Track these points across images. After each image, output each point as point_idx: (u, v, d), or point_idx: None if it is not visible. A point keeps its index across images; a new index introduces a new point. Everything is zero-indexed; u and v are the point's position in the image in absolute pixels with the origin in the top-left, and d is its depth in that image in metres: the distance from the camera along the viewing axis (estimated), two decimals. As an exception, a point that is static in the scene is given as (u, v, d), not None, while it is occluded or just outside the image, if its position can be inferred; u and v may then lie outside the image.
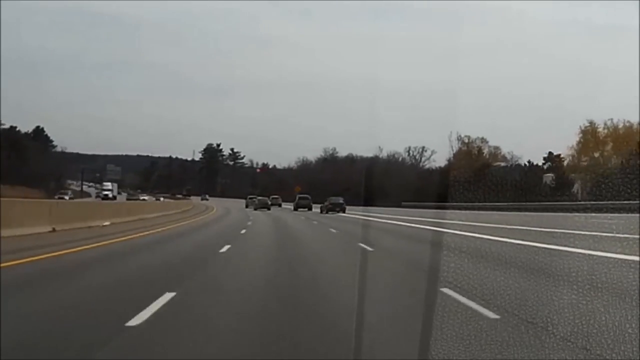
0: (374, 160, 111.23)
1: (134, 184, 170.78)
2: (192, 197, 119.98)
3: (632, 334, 5.57)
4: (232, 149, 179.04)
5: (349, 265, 11.38)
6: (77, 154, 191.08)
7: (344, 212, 53.20)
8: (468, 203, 49.10)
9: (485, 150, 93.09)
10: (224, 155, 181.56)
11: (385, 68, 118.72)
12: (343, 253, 15.65)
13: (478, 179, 60.79)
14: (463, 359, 4.91)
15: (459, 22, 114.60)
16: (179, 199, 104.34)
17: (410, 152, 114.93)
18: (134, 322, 6.17)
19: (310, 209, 59.95)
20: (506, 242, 17.80)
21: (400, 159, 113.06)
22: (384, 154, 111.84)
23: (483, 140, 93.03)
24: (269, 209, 61.64)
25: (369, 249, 15.47)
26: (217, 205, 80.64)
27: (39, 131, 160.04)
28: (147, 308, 6.86)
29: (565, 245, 15.37)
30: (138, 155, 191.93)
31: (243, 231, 24.38)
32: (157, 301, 7.37)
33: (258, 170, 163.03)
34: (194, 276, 10.40)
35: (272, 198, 72.60)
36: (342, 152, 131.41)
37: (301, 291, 8.84)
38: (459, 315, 6.41)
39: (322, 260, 13.42)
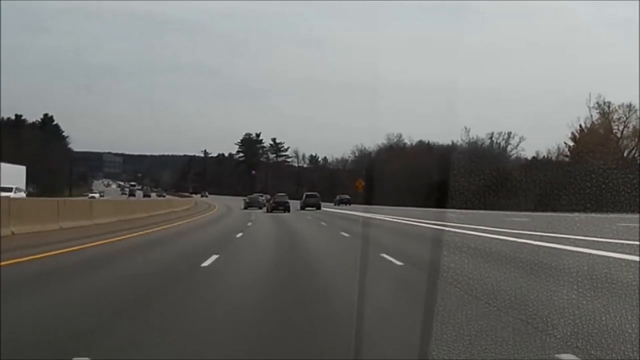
0: (452, 148, 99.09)
1: (169, 182, 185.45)
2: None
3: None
4: (273, 140, 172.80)
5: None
6: (123, 154, 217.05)
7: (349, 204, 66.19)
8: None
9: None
10: (264, 147, 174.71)
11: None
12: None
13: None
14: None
15: None
16: (185, 196, 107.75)
17: (494, 138, 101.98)
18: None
19: (319, 207, 60.19)
20: None
21: (481, 144, 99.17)
22: (461, 140, 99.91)
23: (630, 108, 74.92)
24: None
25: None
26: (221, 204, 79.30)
27: (47, 120, 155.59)
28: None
29: None
30: (184, 155, 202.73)
31: (239, 234, 22.78)
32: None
33: (253, 172, 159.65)
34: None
35: (279, 196, 64.79)
36: (412, 138, 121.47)
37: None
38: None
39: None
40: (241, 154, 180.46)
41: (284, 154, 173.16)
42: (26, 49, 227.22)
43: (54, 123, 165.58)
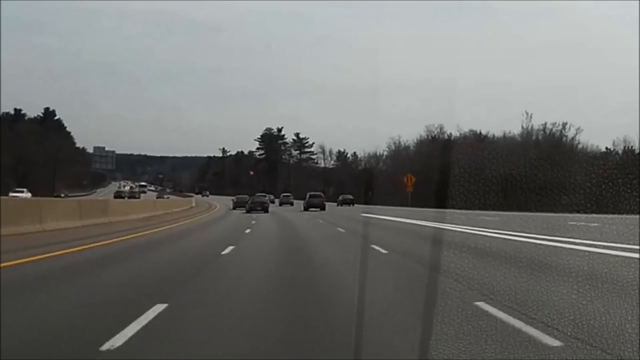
0: (511, 139, 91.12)
1: (188, 183, 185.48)
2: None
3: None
4: (297, 135, 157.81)
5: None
6: (145, 155, 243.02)
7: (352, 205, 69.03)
8: None
9: None
10: (286, 143, 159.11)
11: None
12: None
13: None
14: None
15: None
16: (187, 196, 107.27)
17: (546, 129, 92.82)
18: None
19: (323, 208, 59.54)
20: None
21: (535, 137, 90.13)
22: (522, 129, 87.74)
23: None
24: (266, 211, 56.75)
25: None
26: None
27: (48, 114, 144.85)
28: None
29: None
30: (208, 157, 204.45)
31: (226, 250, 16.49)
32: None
33: (251, 173, 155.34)
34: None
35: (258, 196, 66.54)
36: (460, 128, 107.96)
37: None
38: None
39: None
40: (261, 151, 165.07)
41: (309, 150, 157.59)
42: (44, 48, 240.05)
43: (56, 118, 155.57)
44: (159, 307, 7.54)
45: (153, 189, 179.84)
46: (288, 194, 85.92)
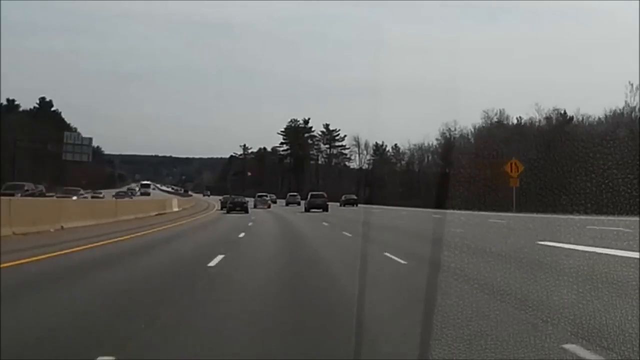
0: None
1: (208, 184, 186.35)
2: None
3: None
4: (326, 127, 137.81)
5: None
6: (171, 156, 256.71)
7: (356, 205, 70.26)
8: None
9: None
10: (314, 136, 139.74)
11: None
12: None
13: None
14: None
15: None
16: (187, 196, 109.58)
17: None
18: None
19: (325, 209, 57.33)
20: None
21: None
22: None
23: None
24: (246, 211, 53.05)
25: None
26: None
27: (44, 104, 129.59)
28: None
29: None
30: (230, 156, 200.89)
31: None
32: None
33: (249, 174, 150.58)
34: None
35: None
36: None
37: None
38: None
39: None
40: (286, 147, 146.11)
41: (340, 144, 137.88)
42: (75, 51, 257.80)
43: (53, 109, 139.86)
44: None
45: (170, 189, 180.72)
46: (295, 194, 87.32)
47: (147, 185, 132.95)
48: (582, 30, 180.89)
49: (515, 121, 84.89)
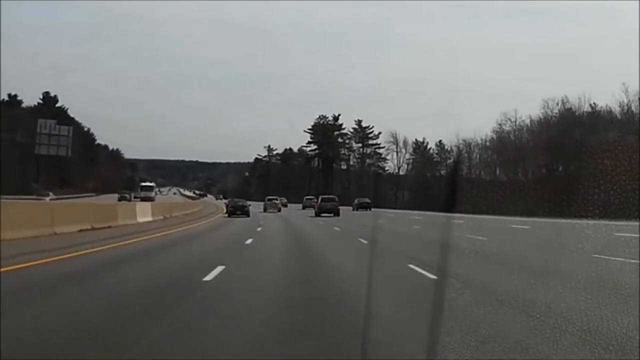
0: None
1: (235, 187, 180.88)
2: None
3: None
4: (358, 123, 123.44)
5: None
6: (197, 161, 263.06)
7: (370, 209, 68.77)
8: None
9: None
10: (345, 134, 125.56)
11: None
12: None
13: None
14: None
15: None
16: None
17: None
18: None
19: (337, 214, 54.81)
20: None
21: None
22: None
23: None
24: (248, 215, 52.01)
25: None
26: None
27: (47, 100, 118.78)
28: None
29: None
30: (255, 158, 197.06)
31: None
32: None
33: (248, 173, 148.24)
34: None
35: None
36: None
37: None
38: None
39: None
40: (313, 146, 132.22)
41: (374, 143, 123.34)
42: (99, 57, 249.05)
43: (58, 105, 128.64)
44: None
45: (192, 193, 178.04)
46: (311, 197, 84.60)
47: (150, 188, 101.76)
48: None
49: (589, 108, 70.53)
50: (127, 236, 20.93)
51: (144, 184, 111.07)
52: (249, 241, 20.28)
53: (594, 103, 73.07)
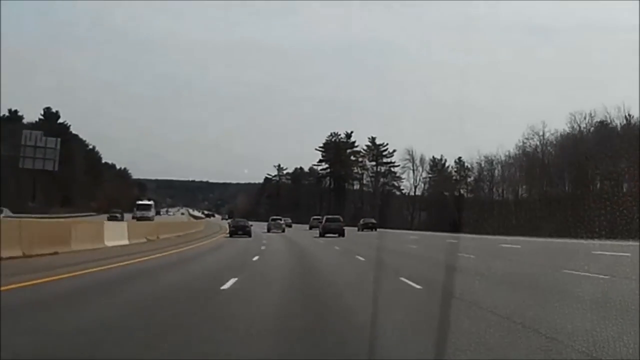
0: None
1: (245, 208, 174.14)
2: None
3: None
4: (372, 140, 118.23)
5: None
6: (207, 182, 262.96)
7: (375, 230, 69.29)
8: None
9: None
10: (358, 151, 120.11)
11: None
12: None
13: None
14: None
15: None
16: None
17: None
18: None
19: (342, 234, 53.99)
20: None
21: None
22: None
23: None
24: (249, 235, 51.24)
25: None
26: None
27: (49, 116, 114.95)
28: None
29: None
30: (265, 178, 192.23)
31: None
32: None
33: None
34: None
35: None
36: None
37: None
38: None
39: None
40: (324, 165, 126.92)
41: (388, 161, 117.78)
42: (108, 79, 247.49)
43: (60, 121, 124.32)
44: None
45: (200, 214, 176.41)
46: (318, 217, 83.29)
47: (147, 207, 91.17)
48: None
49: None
50: (67, 268, 15.45)
51: (140, 202, 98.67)
52: (228, 284, 13.54)
53: (628, 114, 67.69)
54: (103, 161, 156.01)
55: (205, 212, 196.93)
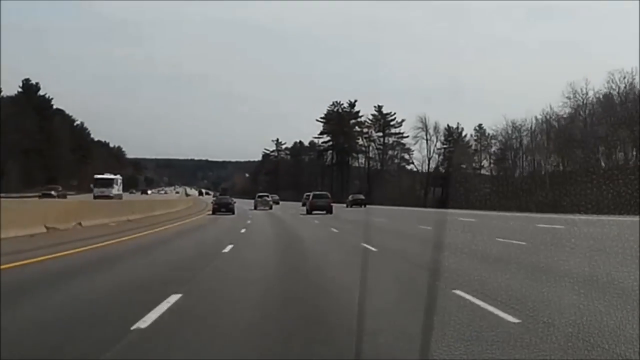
0: None
1: (241, 186, 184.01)
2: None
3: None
4: (378, 108, 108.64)
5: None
6: (207, 160, 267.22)
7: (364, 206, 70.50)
8: None
9: None
10: (362, 122, 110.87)
11: None
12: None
13: None
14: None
15: None
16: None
17: None
18: None
19: (330, 211, 53.39)
20: None
21: None
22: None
23: None
24: (233, 212, 52.46)
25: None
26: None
27: (28, 88, 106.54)
28: None
29: None
30: (263, 154, 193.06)
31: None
32: None
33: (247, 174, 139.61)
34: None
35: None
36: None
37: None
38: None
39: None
40: (326, 137, 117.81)
41: (396, 132, 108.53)
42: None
43: (40, 94, 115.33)
44: None
45: (196, 192, 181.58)
46: (310, 194, 78.93)
47: (108, 182, 73.21)
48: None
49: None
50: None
51: (99, 176, 78.06)
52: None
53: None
54: (96, 139, 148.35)
55: (204, 190, 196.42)
